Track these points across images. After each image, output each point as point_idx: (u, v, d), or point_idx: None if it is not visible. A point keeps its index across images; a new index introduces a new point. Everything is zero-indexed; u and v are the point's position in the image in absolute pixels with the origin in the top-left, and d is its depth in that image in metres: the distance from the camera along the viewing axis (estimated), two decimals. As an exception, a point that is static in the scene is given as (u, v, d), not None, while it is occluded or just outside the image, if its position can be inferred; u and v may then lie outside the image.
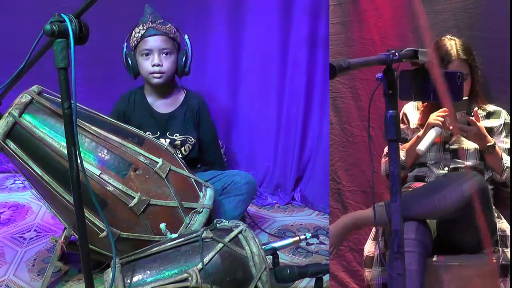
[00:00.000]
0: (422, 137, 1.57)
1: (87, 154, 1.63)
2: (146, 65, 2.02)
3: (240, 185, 2.10)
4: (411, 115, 1.75)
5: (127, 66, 2.08)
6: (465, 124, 1.53)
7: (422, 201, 1.47)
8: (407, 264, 1.20)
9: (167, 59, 2.03)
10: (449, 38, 1.64)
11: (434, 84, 1.09)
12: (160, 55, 2.01)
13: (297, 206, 2.63)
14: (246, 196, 2.11)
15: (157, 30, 2.00)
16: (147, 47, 2.00)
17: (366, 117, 1.85)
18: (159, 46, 2.00)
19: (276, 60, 2.62)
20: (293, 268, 1.55)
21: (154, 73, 2.03)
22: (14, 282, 1.81)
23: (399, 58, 1.05)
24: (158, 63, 2.01)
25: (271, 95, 2.69)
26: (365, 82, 1.85)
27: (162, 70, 2.02)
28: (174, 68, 2.07)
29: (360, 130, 1.88)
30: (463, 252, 1.50)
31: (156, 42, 2.00)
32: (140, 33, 1.99)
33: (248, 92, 2.76)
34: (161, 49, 2.01)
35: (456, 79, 1.10)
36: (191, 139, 2.14)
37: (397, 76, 1.07)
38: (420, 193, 1.54)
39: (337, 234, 1.58)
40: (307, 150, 2.68)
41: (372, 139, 1.83)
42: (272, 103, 2.69)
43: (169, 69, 2.05)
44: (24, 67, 1.29)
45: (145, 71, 2.04)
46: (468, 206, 1.38)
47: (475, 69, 1.64)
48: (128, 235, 1.65)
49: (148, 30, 1.99)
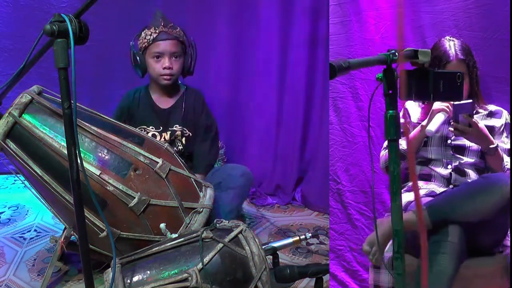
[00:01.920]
0: (429, 122, 1.57)
1: (87, 154, 1.63)
2: (157, 67, 2.10)
3: (235, 178, 2.12)
4: (412, 111, 1.76)
5: (135, 65, 2.14)
6: (467, 125, 1.53)
7: (466, 204, 1.43)
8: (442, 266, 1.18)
9: (176, 62, 2.12)
10: (448, 39, 1.64)
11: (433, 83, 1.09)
12: (171, 58, 2.09)
13: (297, 206, 2.63)
14: (242, 188, 2.12)
15: (169, 34, 2.08)
16: (159, 50, 2.08)
17: (366, 117, 1.85)
18: (170, 50, 2.08)
19: (276, 60, 2.62)
20: (293, 268, 1.55)
21: (164, 75, 2.11)
22: (14, 282, 1.81)
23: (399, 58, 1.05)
24: (169, 66, 2.09)
25: (271, 95, 2.69)
26: (365, 82, 1.85)
27: (172, 72, 2.11)
28: (182, 69, 2.15)
29: (360, 130, 1.88)
30: (476, 255, 1.48)
31: (168, 46, 2.08)
32: (152, 36, 2.06)
33: (248, 92, 2.76)
34: (172, 53, 2.09)
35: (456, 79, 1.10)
36: (186, 132, 2.19)
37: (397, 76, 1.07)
38: (462, 195, 1.48)
39: (383, 239, 1.48)
40: (307, 150, 2.69)
41: (372, 139, 1.83)
42: (272, 103, 2.69)
43: (178, 71, 2.14)
44: (24, 67, 1.29)
45: (156, 72, 2.11)
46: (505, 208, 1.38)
47: (474, 69, 1.64)
48: (128, 235, 1.65)
49: (161, 34, 2.07)
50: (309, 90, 2.58)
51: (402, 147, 1.57)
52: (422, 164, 1.71)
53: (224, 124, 2.81)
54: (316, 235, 2.21)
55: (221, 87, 2.80)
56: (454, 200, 1.47)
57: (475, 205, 1.41)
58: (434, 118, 1.55)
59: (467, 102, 1.53)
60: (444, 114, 1.55)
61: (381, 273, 1.56)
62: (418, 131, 1.62)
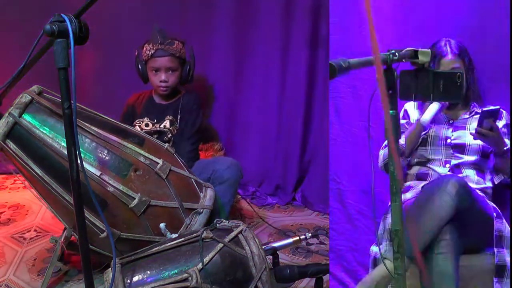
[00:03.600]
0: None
1: (87, 155, 1.63)
2: (155, 79, 2.31)
3: (221, 171, 2.11)
4: (412, 112, 1.76)
5: (138, 73, 2.35)
6: (489, 130, 1.52)
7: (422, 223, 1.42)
8: (441, 267, 1.18)
9: (172, 76, 2.30)
10: (445, 39, 1.65)
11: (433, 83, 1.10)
12: (167, 73, 2.29)
13: (297, 206, 2.63)
14: (230, 182, 2.11)
15: (165, 51, 2.26)
16: (156, 65, 2.28)
17: (366, 117, 1.85)
18: (165, 65, 2.28)
19: (277, 60, 2.62)
20: (293, 268, 1.55)
21: (161, 87, 2.31)
22: (14, 282, 1.81)
23: (399, 58, 1.05)
24: (165, 79, 2.29)
25: (272, 95, 2.69)
26: (365, 82, 1.85)
27: (168, 85, 2.31)
28: (179, 80, 2.34)
29: (360, 130, 1.88)
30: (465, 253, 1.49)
31: (163, 62, 2.27)
32: (150, 52, 2.27)
33: (248, 92, 2.76)
34: (168, 68, 2.28)
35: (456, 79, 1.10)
36: (176, 123, 2.33)
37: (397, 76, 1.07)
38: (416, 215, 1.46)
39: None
40: (307, 150, 2.68)
41: (372, 139, 1.83)
42: (272, 103, 2.69)
43: (174, 83, 2.33)
44: (24, 67, 1.28)
45: (154, 84, 2.34)
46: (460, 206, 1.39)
47: (470, 67, 1.64)
48: (128, 236, 1.65)
49: (157, 51, 2.25)
50: (309, 90, 2.58)
51: (400, 143, 1.59)
52: (420, 164, 1.71)
53: (224, 124, 2.82)
54: (316, 235, 2.21)
55: (221, 87, 2.79)
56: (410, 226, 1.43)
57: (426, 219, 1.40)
58: (428, 107, 1.57)
59: (495, 108, 1.53)
60: (439, 103, 1.57)
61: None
62: (415, 126, 1.63)
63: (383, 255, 1.46)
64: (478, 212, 1.46)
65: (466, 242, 1.47)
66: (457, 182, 1.41)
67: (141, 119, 2.34)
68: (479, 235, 1.50)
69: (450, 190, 1.40)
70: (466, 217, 1.42)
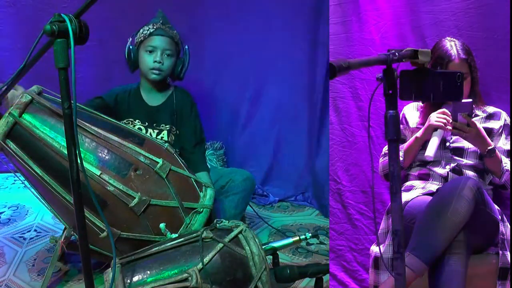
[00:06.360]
0: (421, 138, 1.60)
1: (88, 154, 1.63)
2: (148, 60, 2.12)
3: (237, 182, 2.12)
4: (410, 115, 1.75)
5: (127, 59, 2.17)
6: (465, 125, 1.53)
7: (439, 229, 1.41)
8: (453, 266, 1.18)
9: (168, 60, 2.13)
10: (449, 40, 1.64)
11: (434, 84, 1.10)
12: (163, 54, 2.11)
13: (297, 206, 2.63)
14: (245, 194, 2.12)
15: (165, 31, 2.12)
16: (153, 44, 2.11)
17: (366, 117, 1.85)
18: (163, 46, 2.11)
19: (277, 60, 2.62)
20: (293, 268, 1.55)
21: (154, 69, 2.12)
22: (14, 282, 1.81)
23: (399, 58, 1.05)
24: (160, 60, 2.10)
25: (272, 95, 2.69)
26: (365, 82, 1.85)
27: (162, 68, 2.12)
28: (171, 69, 2.17)
29: (360, 130, 1.88)
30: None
31: (162, 42, 2.11)
32: (149, 30, 2.11)
33: (248, 92, 2.76)
34: (165, 49, 2.12)
35: (456, 79, 1.10)
36: (174, 130, 2.18)
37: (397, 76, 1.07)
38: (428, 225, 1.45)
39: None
40: (307, 150, 2.68)
41: (372, 139, 1.83)
42: (272, 103, 2.69)
43: (168, 69, 2.15)
44: (24, 67, 1.28)
45: (146, 66, 2.13)
46: (475, 209, 1.40)
47: (475, 69, 1.64)
48: (128, 235, 1.65)
49: (157, 30, 2.11)
50: (309, 90, 2.58)
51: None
52: (420, 166, 1.71)
53: (224, 124, 2.82)
54: (316, 235, 2.21)
55: (221, 87, 2.80)
56: (429, 231, 1.43)
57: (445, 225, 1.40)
58: (430, 143, 1.57)
59: (466, 101, 1.53)
60: (439, 133, 1.57)
61: (381, 273, 1.55)
62: (413, 141, 1.63)
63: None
64: (488, 213, 1.46)
65: (474, 242, 1.47)
66: (473, 185, 1.42)
67: (131, 119, 2.15)
68: (486, 236, 1.50)
69: (467, 195, 1.40)
70: (478, 218, 1.42)
